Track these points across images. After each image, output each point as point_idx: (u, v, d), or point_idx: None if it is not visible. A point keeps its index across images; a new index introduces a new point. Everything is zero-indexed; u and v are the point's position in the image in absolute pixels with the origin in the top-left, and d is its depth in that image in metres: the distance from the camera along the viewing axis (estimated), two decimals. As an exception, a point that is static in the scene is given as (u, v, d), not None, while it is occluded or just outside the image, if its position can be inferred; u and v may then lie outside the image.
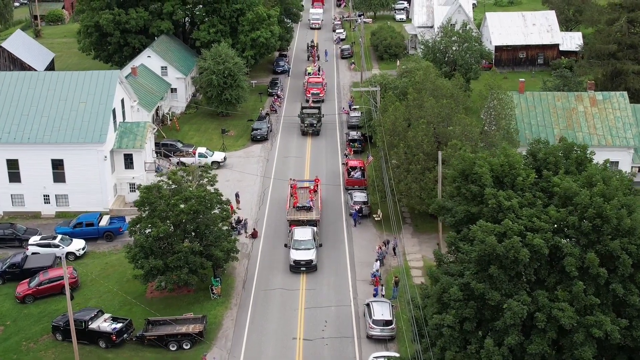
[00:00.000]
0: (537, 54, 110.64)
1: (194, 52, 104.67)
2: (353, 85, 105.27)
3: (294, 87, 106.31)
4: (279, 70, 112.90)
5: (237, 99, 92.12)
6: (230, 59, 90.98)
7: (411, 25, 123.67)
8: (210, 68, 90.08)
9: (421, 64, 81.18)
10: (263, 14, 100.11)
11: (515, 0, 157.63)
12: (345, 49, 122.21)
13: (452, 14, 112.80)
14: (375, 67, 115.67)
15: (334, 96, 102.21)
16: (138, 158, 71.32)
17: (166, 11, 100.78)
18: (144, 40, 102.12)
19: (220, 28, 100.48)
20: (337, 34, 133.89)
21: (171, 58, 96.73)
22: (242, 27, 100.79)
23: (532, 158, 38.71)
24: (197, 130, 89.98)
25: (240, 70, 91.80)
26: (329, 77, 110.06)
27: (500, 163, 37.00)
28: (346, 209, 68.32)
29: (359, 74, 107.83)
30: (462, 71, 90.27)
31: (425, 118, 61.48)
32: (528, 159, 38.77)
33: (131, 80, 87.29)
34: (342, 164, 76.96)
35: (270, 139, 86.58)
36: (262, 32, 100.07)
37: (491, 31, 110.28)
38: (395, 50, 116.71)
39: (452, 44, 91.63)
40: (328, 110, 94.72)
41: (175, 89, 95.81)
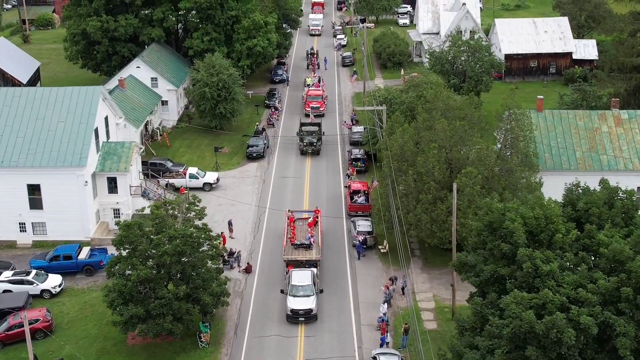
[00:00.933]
0: (549, 63, 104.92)
1: (186, 62, 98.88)
2: (355, 100, 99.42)
3: (293, 98, 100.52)
4: (277, 80, 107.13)
5: (232, 113, 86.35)
6: (225, 70, 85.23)
7: (416, 32, 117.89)
8: (203, 80, 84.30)
9: (429, 77, 75.42)
10: (260, 21, 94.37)
11: (522, 4, 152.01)
12: (347, 56, 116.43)
13: (460, 20, 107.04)
14: (378, 76, 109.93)
15: (334, 108, 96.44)
16: (123, 181, 65.56)
17: (157, 18, 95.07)
18: (133, 49, 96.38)
19: (214, 36, 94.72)
20: (337, 40, 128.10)
21: (162, 68, 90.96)
22: (238, 35, 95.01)
23: (571, 208, 32.92)
24: (188, 147, 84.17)
25: (236, 82, 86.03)
26: (330, 87, 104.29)
27: (535, 216, 31.23)
28: (349, 238, 62.59)
29: (362, 84, 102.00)
30: (472, 83, 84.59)
31: (437, 142, 55.72)
32: (566, 209, 32.96)
33: (118, 93, 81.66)
34: (345, 187, 71.18)
35: (266, 157, 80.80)
36: (259, 41, 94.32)
37: (501, 39, 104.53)
38: (399, 58, 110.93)
39: (461, 53, 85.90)
40: (329, 125, 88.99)
41: (166, 101, 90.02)
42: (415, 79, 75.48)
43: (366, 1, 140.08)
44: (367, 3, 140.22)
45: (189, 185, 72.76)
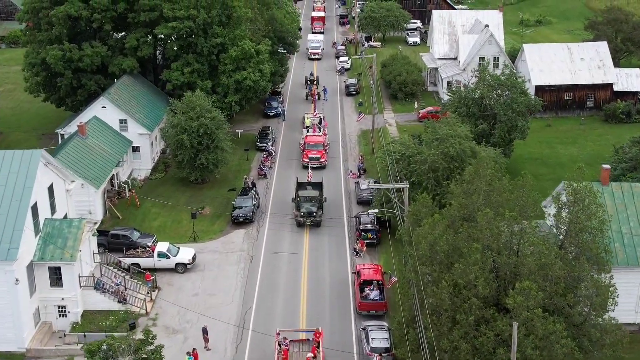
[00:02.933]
0: (586, 95, 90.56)
1: (165, 97, 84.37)
2: (362, 141, 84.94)
3: (290, 139, 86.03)
4: (271, 114, 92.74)
5: (216, 164, 71.92)
6: (207, 112, 70.79)
7: (430, 56, 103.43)
8: (181, 124, 69.83)
9: (456, 130, 60.96)
10: (250, 50, 79.86)
11: (544, 20, 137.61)
12: (351, 84, 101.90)
13: (482, 45, 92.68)
14: (387, 108, 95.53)
15: (337, 150, 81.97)
16: (69, 272, 51.17)
17: (129, 46, 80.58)
18: (101, 82, 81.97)
19: (196, 67, 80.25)
20: (340, 62, 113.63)
21: (133, 108, 76.44)
22: (224, 66, 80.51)
23: None
24: (162, 207, 69.60)
25: (220, 127, 71.58)
26: (332, 123, 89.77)
27: None
28: (360, 353, 48.15)
29: (368, 118, 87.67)
30: (504, 129, 70.17)
31: (480, 241, 41.25)
32: None
33: (77, 143, 67.34)
34: (353, 272, 56.65)
35: (256, 221, 66.32)
36: (249, 73, 79.84)
37: (530, 67, 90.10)
38: (412, 88, 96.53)
39: (490, 91, 71.45)
40: (331, 177, 74.60)
41: (137, 147, 75.56)
42: (439, 131, 60.93)
43: (371, 17, 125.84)
44: (372, 19, 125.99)
45: (159, 266, 58.42)
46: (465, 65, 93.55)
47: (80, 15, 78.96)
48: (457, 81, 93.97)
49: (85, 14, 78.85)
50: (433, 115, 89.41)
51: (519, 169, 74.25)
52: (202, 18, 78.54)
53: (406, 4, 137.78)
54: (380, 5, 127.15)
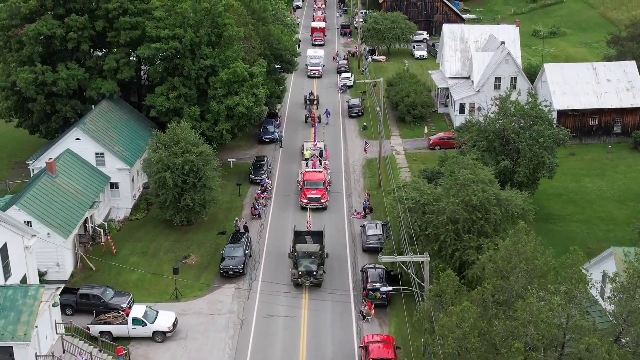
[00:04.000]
0: (613, 120, 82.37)
1: (150, 124, 76.21)
2: (368, 172, 76.70)
3: (287, 169, 77.82)
4: (267, 139, 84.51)
5: (203, 205, 63.73)
6: (193, 146, 62.61)
7: (440, 74, 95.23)
8: (163, 161, 61.64)
9: (479, 174, 52.74)
10: (243, 73, 71.67)
11: (558, 31, 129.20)
12: (354, 105, 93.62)
13: (498, 64, 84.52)
14: (394, 132, 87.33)
15: (340, 184, 73.78)
16: (23, 353, 43.02)
17: (108, 68, 72.44)
18: (78, 107, 74.02)
19: (183, 92, 72.14)
20: (342, 79, 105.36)
21: (112, 139, 68.28)
22: (214, 90, 72.35)
23: None
24: (142, 254, 61.44)
25: (208, 163, 63.41)
26: (334, 150, 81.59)
27: None
28: None
29: (375, 146, 79.69)
30: (530, 166, 62.00)
31: (521, 338, 33.05)
32: None
33: (46, 183, 59.25)
34: (360, 347, 48.39)
35: (248, 274, 58.12)
36: (242, 98, 71.67)
37: (552, 89, 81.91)
38: (422, 111, 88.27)
39: (513, 122, 63.28)
40: (333, 219, 66.47)
41: (116, 184, 67.41)
42: (459, 175, 52.63)
43: (375, 29, 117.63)
44: (376, 31, 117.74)
45: (133, 334, 50.24)
46: (479, 86, 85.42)
47: (54, 34, 70.92)
48: (471, 104, 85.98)
49: (60, 32, 70.79)
50: (445, 142, 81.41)
51: (543, 207, 66.35)
52: (189, 38, 70.43)
53: (412, 14, 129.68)
54: (385, 17, 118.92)
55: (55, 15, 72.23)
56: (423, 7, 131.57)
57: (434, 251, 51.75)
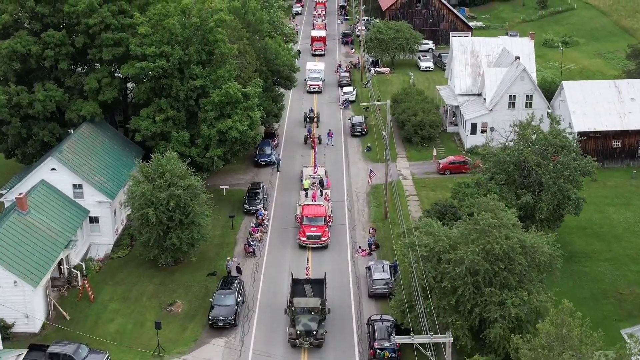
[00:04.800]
0: (637, 143, 76.13)
1: (136, 149, 69.98)
2: (373, 202, 70.36)
3: (285, 197, 71.59)
4: (264, 162, 78.28)
5: (192, 243, 57.46)
6: (180, 179, 56.35)
7: (449, 90, 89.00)
8: (146, 196, 55.39)
9: (501, 217, 46.48)
10: (236, 95, 65.43)
11: (570, 40, 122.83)
12: (357, 123, 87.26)
13: (512, 81, 78.35)
14: (400, 154, 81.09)
15: (342, 215, 67.54)
16: None
17: (89, 88, 66.25)
18: (57, 131, 67.89)
19: (171, 114, 65.95)
20: (344, 94, 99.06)
21: (92, 168, 62.05)
22: (205, 113, 66.15)
23: None
24: (123, 300, 55.22)
25: (197, 197, 57.16)
26: (336, 175, 75.40)
27: None
28: None
29: (380, 169, 73.59)
30: (554, 201, 55.78)
31: None
32: None
33: (16, 221, 53.00)
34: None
35: (240, 325, 51.84)
36: (235, 122, 65.44)
37: (572, 109, 75.66)
38: (430, 131, 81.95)
39: (535, 153, 57.05)
40: (335, 257, 60.25)
41: (96, 218, 61.21)
42: (479, 220, 46.35)
43: (378, 39, 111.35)
44: (379, 41, 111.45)
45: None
46: (492, 105, 79.23)
47: (29, 52, 64.81)
48: (483, 124, 79.78)
49: (36, 49, 64.69)
50: (456, 166, 75.27)
51: (566, 242, 60.17)
52: (177, 56, 64.24)
53: (417, 23, 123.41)
54: (389, 26, 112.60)
55: (31, 31, 66.21)
56: (428, 15, 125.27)
57: (451, 306, 45.62)
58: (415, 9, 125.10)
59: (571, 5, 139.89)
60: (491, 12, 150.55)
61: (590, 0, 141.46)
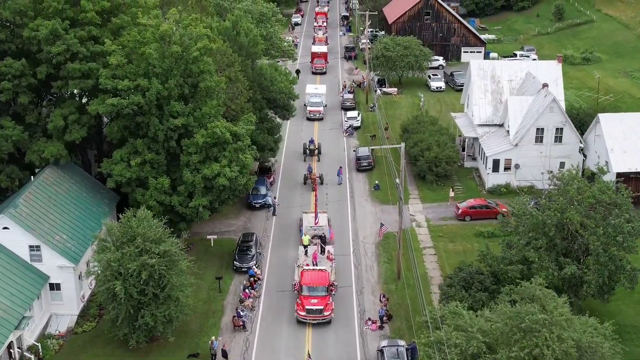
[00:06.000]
0: (685, 186, 66.69)
1: (109, 196, 60.42)
2: (383, 256, 60.79)
3: (282, 249, 62.12)
4: (258, 204, 68.86)
5: (169, 320, 47.89)
6: (155, 244, 46.82)
7: (466, 118, 79.54)
8: (112, 267, 45.84)
9: (551, 311, 37.01)
10: (224, 135, 55.88)
11: (592, 57, 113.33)
12: (364, 156, 77.59)
13: (541, 112, 68.91)
14: (413, 194, 71.57)
15: (348, 274, 58.05)
16: None
17: (54, 127, 56.79)
18: (16, 174, 58.50)
19: (148, 157, 56.39)
20: (348, 119, 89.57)
21: (52, 225, 52.49)
22: (188, 156, 56.60)
23: None
24: (84, 393, 45.81)
25: (175, 265, 47.64)
26: (340, 223, 65.96)
27: None
28: None
29: (390, 213, 64.24)
30: (604, 273, 46.25)
31: None
32: None
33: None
34: None
35: None
36: (224, 167, 55.88)
37: (609, 147, 66.17)
38: (446, 168, 72.41)
39: (582, 213, 47.59)
40: (340, 333, 50.68)
41: (57, 285, 51.72)
42: (524, 316, 36.90)
43: (385, 57, 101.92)
44: (386, 59, 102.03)
45: None
46: (517, 139, 69.80)
47: (-18, 85, 55.40)
48: (507, 160, 70.39)
49: (-10, 81, 55.27)
50: (477, 212, 65.88)
51: (613, 312, 50.53)
52: (155, 90, 54.70)
53: (425, 37, 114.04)
54: (396, 42, 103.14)
55: (-15, 60, 56.80)
56: (438, 28, 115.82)
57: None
58: (424, 22, 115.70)
59: (590, 17, 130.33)
60: (503, 23, 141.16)
61: (610, 11, 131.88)
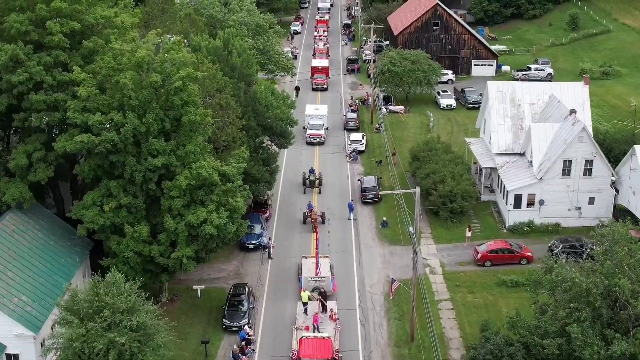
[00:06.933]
0: None
1: (79, 244, 52.91)
2: (395, 315, 53.31)
3: (277, 303, 54.66)
4: (251, 246, 61.45)
5: (143, 405, 40.45)
6: (126, 316, 39.32)
7: (482, 145, 72.14)
8: (74, 347, 38.33)
9: None
10: (211, 177, 48.36)
11: (612, 71, 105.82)
12: (370, 188, 70.06)
13: (569, 142, 61.49)
14: (425, 233, 64.12)
15: (354, 336, 50.57)
16: None
17: (15, 166, 49.35)
18: (-26, 220, 50.95)
19: (124, 201, 48.81)
20: (352, 142, 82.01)
21: (10, 285, 44.96)
22: (169, 200, 49.04)
23: None
24: None
25: (151, 340, 40.12)
26: (344, 268, 58.55)
27: None
28: None
29: (402, 255, 56.92)
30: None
31: None
32: None
33: None
34: None
35: None
36: (211, 213, 48.36)
37: (648, 183, 58.89)
38: (462, 204, 64.85)
39: (632, 279, 40.14)
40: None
41: (15, 356, 44.24)
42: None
43: (391, 72, 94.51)
44: (392, 75, 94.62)
45: None
46: (542, 172, 62.43)
47: None
48: (530, 195, 63.03)
49: (-58, 115, 47.89)
50: (499, 256, 58.49)
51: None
52: (131, 126, 47.19)
53: (433, 49, 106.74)
54: (403, 56, 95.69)
55: None
56: (447, 40, 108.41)
57: None
58: (432, 33, 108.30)
59: (607, 27, 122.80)
60: (514, 32, 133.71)
61: (627, 21, 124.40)
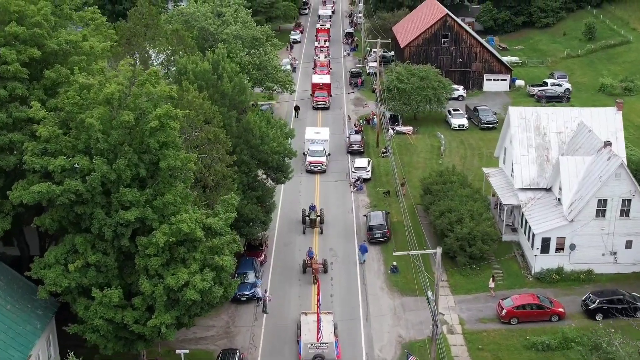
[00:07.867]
0: None
1: (41, 306, 45.44)
2: None
3: (272, 372, 47.40)
4: (244, 297, 54.00)
5: None
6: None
7: (502, 176, 64.72)
8: None
9: None
10: (194, 232, 40.82)
11: (633, 87, 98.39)
12: (377, 225, 62.57)
13: (604, 180, 54.00)
14: (442, 283, 56.27)
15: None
16: None
17: (-35, 218, 41.92)
18: None
19: (92, 259, 41.22)
20: (356, 169, 74.49)
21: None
22: (145, 259, 41.46)
23: None
24: None
25: None
26: (350, 326, 51.05)
27: None
28: None
29: (416, 309, 49.50)
30: None
31: None
32: None
33: None
34: None
35: None
36: (194, 275, 40.84)
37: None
38: (482, 248, 57.27)
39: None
40: None
41: None
42: None
43: (399, 89, 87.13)
44: (400, 92, 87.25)
45: None
46: (573, 213, 54.95)
47: None
48: (560, 239, 55.61)
49: None
50: (528, 313, 51.05)
51: None
52: (99, 173, 39.69)
53: (443, 63, 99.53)
54: (411, 72, 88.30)
55: None
56: (457, 53, 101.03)
57: None
58: (442, 45, 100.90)
59: (625, 38, 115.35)
60: (525, 42, 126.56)
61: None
